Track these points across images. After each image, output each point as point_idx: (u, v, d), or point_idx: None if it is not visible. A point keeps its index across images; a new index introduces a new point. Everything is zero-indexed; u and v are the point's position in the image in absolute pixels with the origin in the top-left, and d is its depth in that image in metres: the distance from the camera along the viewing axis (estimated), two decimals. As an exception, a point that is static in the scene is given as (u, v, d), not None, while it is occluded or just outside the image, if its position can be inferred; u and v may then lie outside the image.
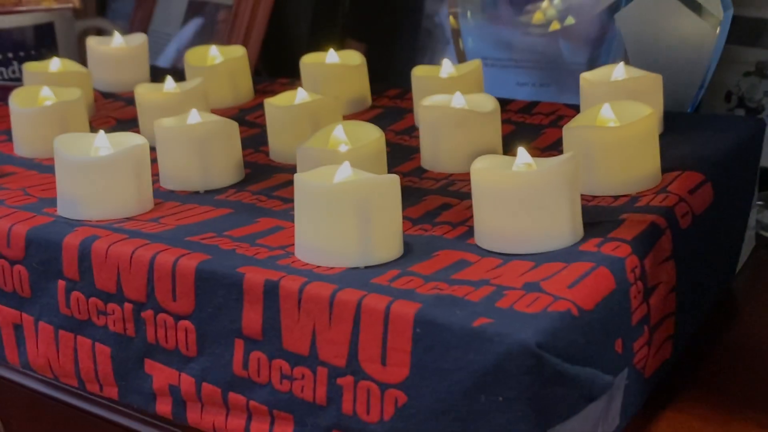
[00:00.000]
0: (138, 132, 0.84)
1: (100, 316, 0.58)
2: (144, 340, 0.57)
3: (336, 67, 0.88)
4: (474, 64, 0.82)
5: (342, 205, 0.52)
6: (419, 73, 0.83)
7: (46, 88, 0.81)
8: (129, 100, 0.96)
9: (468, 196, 0.65)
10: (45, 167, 0.76)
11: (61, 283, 0.60)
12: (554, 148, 0.74)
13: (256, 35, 1.14)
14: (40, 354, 0.62)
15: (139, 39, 1.00)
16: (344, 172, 0.55)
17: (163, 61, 1.27)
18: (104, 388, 0.60)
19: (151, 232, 0.59)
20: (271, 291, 0.51)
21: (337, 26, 1.24)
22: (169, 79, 0.83)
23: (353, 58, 0.89)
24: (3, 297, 0.63)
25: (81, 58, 1.08)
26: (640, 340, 0.53)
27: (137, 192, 0.64)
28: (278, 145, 0.76)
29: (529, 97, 0.93)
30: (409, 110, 0.88)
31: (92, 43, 1.00)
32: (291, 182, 0.70)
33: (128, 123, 0.88)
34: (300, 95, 0.77)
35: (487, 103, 0.72)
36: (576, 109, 0.84)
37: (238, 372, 0.53)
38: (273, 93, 0.96)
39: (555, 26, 0.99)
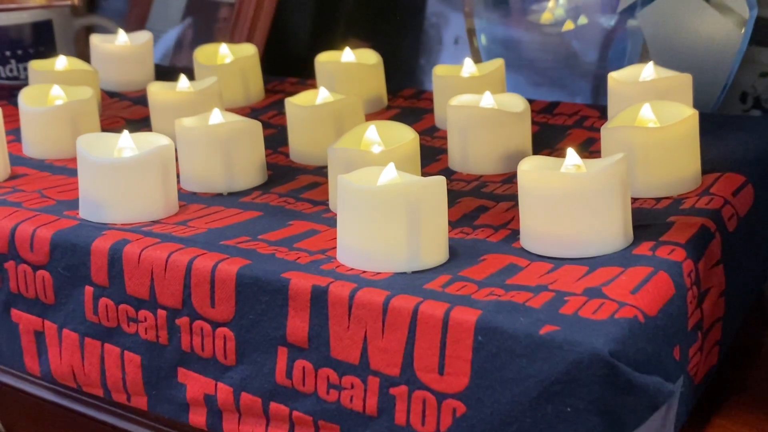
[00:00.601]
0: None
1: (131, 324, 0.56)
2: (178, 349, 0.55)
3: (352, 66, 0.86)
4: (496, 64, 0.81)
5: (391, 208, 0.51)
6: (440, 72, 0.81)
7: (57, 86, 0.79)
8: (135, 100, 0.93)
9: (503, 198, 0.63)
10: (58, 168, 0.73)
11: (89, 289, 0.57)
12: (584, 149, 0.73)
13: (260, 33, 1.12)
14: (63, 363, 0.60)
15: (144, 37, 0.98)
16: (389, 173, 0.54)
17: (161, 60, 1.24)
18: (132, 398, 0.58)
19: (184, 236, 0.57)
20: (319, 297, 0.49)
21: (339, 25, 1.22)
22: (182, 78, 0.81)
23: (369, 57, 0.87)
24: (24, 304, 0.61)
25: (79, 56, 1.05)
26: (694, 346, 0.52)
27: (164, 194, 0.62)
28: (300, 145, 0.74)
29: (541, 97, 0.91)
30: (428, 110, 0.86)
31: (96, 41, 0.97)
32: (317, 184, 0.68)
33: (137, 123, 0.86)
34: (322, 94, 0.75)
35: (517, 103, 0.71)
36: (598, 109, 0.83)
37: (280, 381, 0.51)
38: (284, 92, 0.94)
39: (569, 26, 0.98)
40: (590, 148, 0.73)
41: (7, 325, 0.62)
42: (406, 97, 0.90)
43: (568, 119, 0.80)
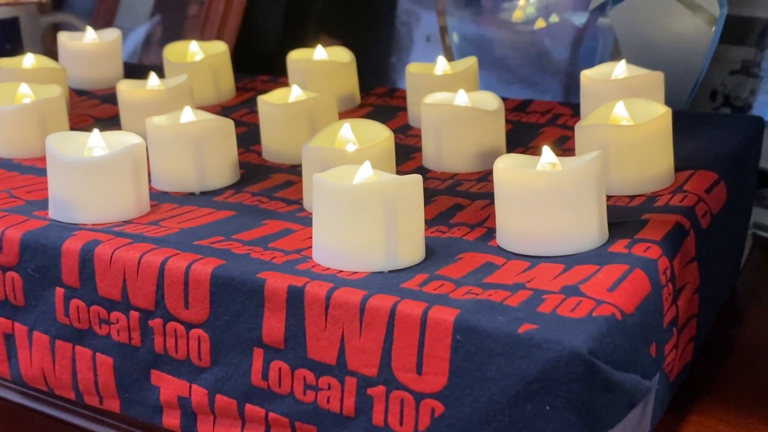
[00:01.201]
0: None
1: (103, 325, 0.55)
2: (151, 350, 0.54)
3: (325, 64, 0.85)
4: (469, 62, 0.81)
5: (367, 207, 0.50)
6: (414, 70, 0.81)
7: (24, 85, 0.78)
8: (103, 98, 0.92)
9: (479, 196, 0.63)
10: (26, 168, 0.72)
11: (60, 291, 0.56)
12: (557, 146, 0.73)
13: (231, 30, 1.11)
14: (34, 365, 0.59)
15: (113, 34, 0.97)
16: (365, 172, 0.53)
17: (129, 58, 1.23)
18: (105, 401, 0.57)
19: (156, 236, 0.56)
20: (295, 297, 0.49)
21: (310, 23, 1.22)
22: (152, 76, 0.80)
23: (342, 55, 0.86)
24: (-8, 306, 0.60)
25: (46, 54, 1.04)
26: (670, 343, 0.52)
27: (135, 194, 0.61)
28: (273, 144, 0.73)
29: (512, 95, 0.91)
30: (401, 108, 0.86)
31: (64, 38, 0.96)
32: (291, 183, 0.68)
33: (107, 122, 0.85)
34: (295, 92, 0.75)
35: (492, 101, 0.70)
36: (571, 107, 0.83)
37: (256, 382, 0.51)
38: (255, 90, 0.94)
39: (540, 24, 0.98)
40: (563, 146, 0.73)
41: (-25, 328, 0.61)
42: (379, 95, 0.90)
43: (540, 117, 0.80)
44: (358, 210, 0.50)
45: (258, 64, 1.11)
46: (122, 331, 0.55)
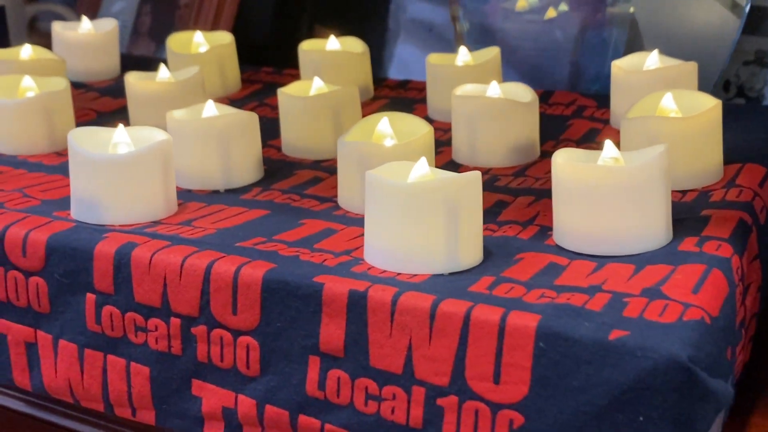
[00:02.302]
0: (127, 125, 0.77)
1: (139, 333, 0.52)
2: (193, 359, 0.51)
3: (338, 54, 0.82)
4: (491, 52, 0.78)
5: (428, 206, 0.47)
6: (434, 61, 0.78)
7: (28, 77, 0.74)
8: (102, 90, 0.88)
9: (520, 192, 0.61)
10: (34, 165, 0.69)
11: (90, 297, 0.53)
12: (589, 139, 0.71)
13: (226, 20, 1.07)
14: (59, 375, 0.55)
15: (109, 24, 0.93)
16: (421, 169, 0.50)
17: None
18: (138, 413, 0.54)
19: (194, 238, 0.53)
20: (356, 303, 0.46)
21: (304, 11, 1.18)
22: (162, 68, 0.76)
23: (355, 46, 0.84)
24: (13, 313, 0.56)
25: (38, 45, 1.00)
26: (740, 344, 0.50)
27: (164, 193, 0.58)
28: (294, 138, 0.70)
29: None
30: (417, 100, 0.83)
31: (58, 28, 0.92)
32: (318, 179, 0.65)
33: (110, 115, 0.81)
34: (316, 84, 0.72)
35: (524, 93, 0.68)
36: (594, 98, 0.81)
37: (311, 392, 0.48)
38: (261, 82, 0.90)
39: (551, 14, 0.96)
40: (596, 139, 0.71)
41: (-7, 336, 0.57)
42: (392, 87, 0.87)
43: (565, 109, 0.78)
44: (419, 209, 0.48)
45: (249, 55, 1.07)
46: (161, 339, 0.51)
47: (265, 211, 0.59)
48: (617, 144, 0.60)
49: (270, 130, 0.74)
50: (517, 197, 0.60)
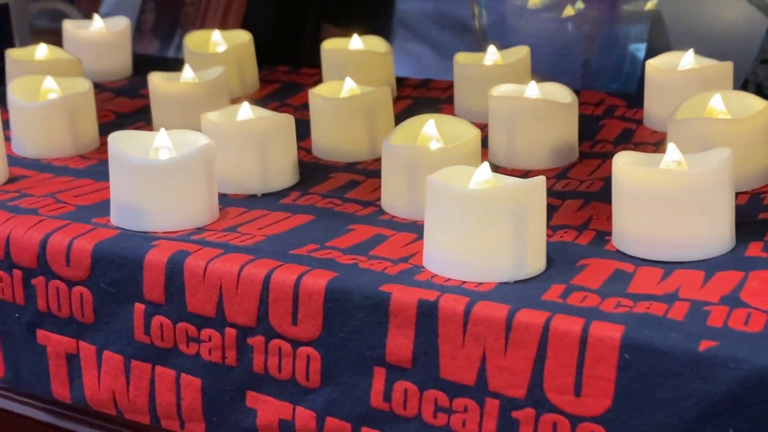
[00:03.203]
0: (150, 127, 0.76)
1: (191, 344, 0.51)
2: (248, 370, 0.50)
3: (362, 54, 0.81)
4: (522, 52, 0.77)
5: (496, 212, 0.46)
6: (462, 60, 0.77)
7: (50, 78, 0.72)
8: (116, 91, 0.87)
9: (568, 195, 0.60)
10: (59, 168, 0.67)
11: (139, 307, 0.51)
12: (625, 140, 0.70)
13: (235, 18, 1.06)
14: (102, 388, 0.54)
15: (122, 23, 0.91)
16: (483, 174, 0.49)
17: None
18: (187, 425, 0.52)
19: (245, 245, 0.52)
20: (427, 313, 0.45)
21: (309, 10, 1.17)
22: (187, 68, 0.75)
23: (378, 45, 0.82)
24: (54, 324, 0.54)
25: (35, 43, 0.97)
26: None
27: (208, 198, 0.56)
28: (326, 140, 0.69)
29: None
30: (442, 100, 0.82)
31: (69, 27, 0.90)
32: (356, 182, 0.64)
33: (130, 116, 0.80)
34: (347, 85, 0.70)
35: (563, 94, 0.67)
36: (621, 98, 0.80)
37: (376, 404, 0.47)
38: (278, 81, 0.89)
39: (569, 11, 0.95)
40: (632, 140, 0.70)
41: (31, 347, 0.56)
42: (414, 87, 0.86)
43: (595, 109, 0.77)
44: (487, 216, 0.46)
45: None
46: (215, 349, 0.50)
47: (309, 216, 0.57)
48: (662, 145, 0.60)
49: (298, 131, 0.72)
50: (564, 200, 0.59)
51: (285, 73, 0.91)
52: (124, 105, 0.83)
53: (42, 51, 0.81)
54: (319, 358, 0.48)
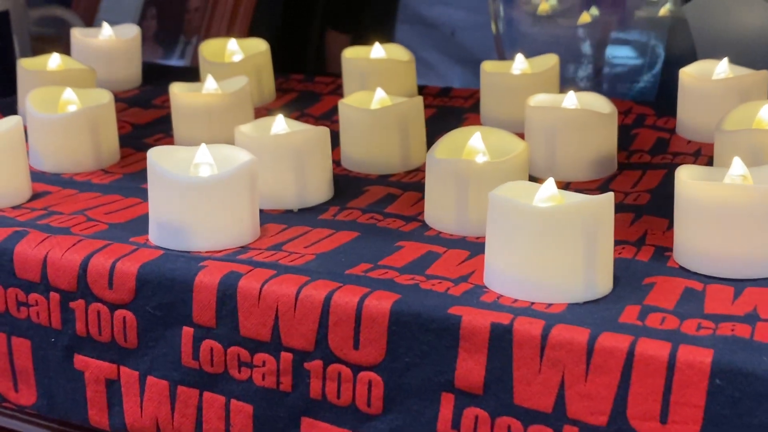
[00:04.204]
0: (171, 139, 0.73)
1: (243, 369, 0.49)
2: (304, 396, 0.48)
3: (384, 62, 0.79)
4: (551, 61, 0.75)
5: (568, 231, 0.45)
6: (489, 68, 0.75)
7: (69, 90, 0.69)
8: (128, 101, 0.84)
9: (617, 209, 0.58)
10: (83, 184, 0.64)
11: (188, 331, 0.49)
12: (661, 150, 0.69)
13: (241, 26, 1.04)
14: (145, 414, 0.52)
15: (131, 31, 0.88)
16: (548, 190, 0.48)
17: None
18: (236, 452, 0.50)
19: (297, 265, 0.50)
20: (500, 337, 0.43)
21: (314, 16, 1.15)
22: (210, 79, 0.72)
23: (400, 54, 0.80)
24: (93, 348, 0.52)
25: (34, 51, 0.95)
26: None
27: (251, 216, 0.54)
28: (357, 152, 0.67)
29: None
30: (465, 109, 0.80)
31: (78, 35, 0.87)
32: (393, 196, 0.62)
33: (146, 128, 0.77)
34: (378, 95, 0.68)
35: (601, 104, 0.65)
36: (649, 106, 0.79)
37: (443, 431, 0.45)
38: (294, 91, 0.87)
39: (585, 18, 0.94)
40: (669, 150, 0.69)
41: (68, 373, 0.53)
42: (434, 95, 0.84)
43: (625, 118, 0.76)
44: (558, 234, 0.45)
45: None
46: (269, 375, 0.48)
47: (353, 233, 0.55)
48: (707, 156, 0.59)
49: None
50: (615, 214, 0.57)
51: (300, 81, 0.89)
52: (139, 116, 0.80)
53: (55, 61, 0.78)
54: (382, 383, 0.46)
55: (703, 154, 0.68)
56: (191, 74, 0.89)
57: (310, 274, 0.48)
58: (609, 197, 0.46)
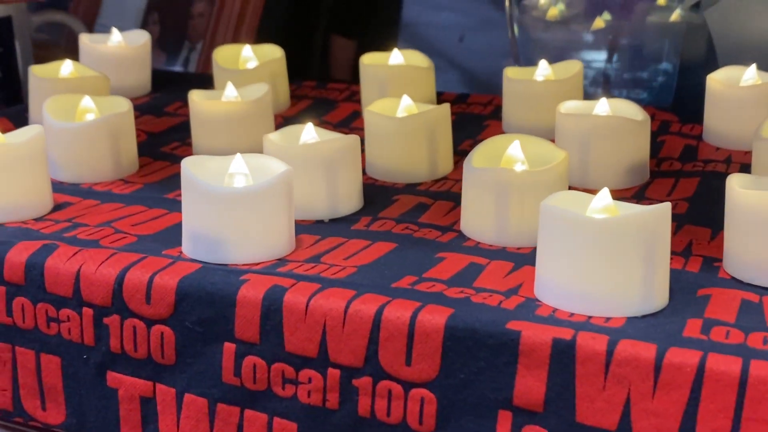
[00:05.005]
0: (188, 147, 0.72)
1: (287, 386, 0.47)
2: (352, 414, 0.46)
3: (403, 69, 0.78)
4: (575, 67, 0.74)
5: (628, 243, 0.44)
6: (512, 75, 0.74)
7: (88, 98, 0.68)
8: (141, 109, 0.82)
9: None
10: (104, 194, 0.63)
11: (229, 347, 0.48)
12: (690, 158, 0.68)
13: (248, 31, 1.02)
14: (181, 433, 0.50)
15: (142, 37, 0.87)
16: (602, 200, 0.47)
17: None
18: (278, 472, 0.49)
19: (340, 278, 0.48)
20: (563, 352, 0.42)
21: (319, 22, 1.14)
22: (230, 86, 0.71)
23: (419, 60, 0.79)
24: (127, 365, 0.51)
25: (36, 58, 0.93)
26: None
27: (288, 228, 0.53)
28: (384, 160, 0.65)
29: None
30: (485, 116, 0.79)
31: (87, 41, 0.86)
32: (424, 205, 0.61)
33: (162, 136, 0.76)
34: (404, 103, 0.67)
35: (633, 111, 0.65)
36: (669, 112, 0.78)
37: (500, 450, 0.44)
38: (308, 98, 0.86)
39: (599, 24, 0.93)
40: (700, 157, 0.68)
41: (99, 390, 0.52)
42: (452, 102, 0.82)
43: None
44: (618, 246, 0.44)
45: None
46: (315, 392, 0.47)
47: (390, 243, 0.54)
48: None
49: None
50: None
51: (312, 88, 0.88)
52: (152, 124, 0.79)
53: (67, 68, 0.76)
54: (435, 400, 0.45)
55: (734, 161, 0.67)
56: (202, 81, 0.88)
57: (356, 287, 0.47)
58: (666, 207, 0.45)
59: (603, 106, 0.64)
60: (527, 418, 0.43)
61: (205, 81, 0.87)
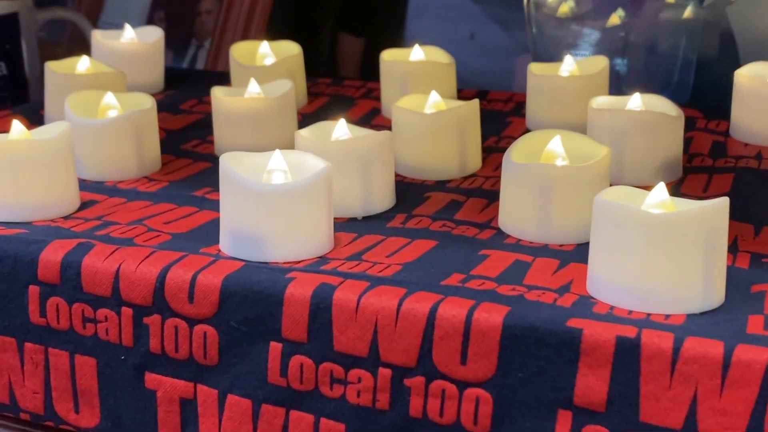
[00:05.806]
0: (209, 145, 0.71)
1: (335, 386, 0.46)
2: (403, 414, 0.45)
3: (424, 65, 0.77)
4: (601, 63, 0.74)
5: (692, 238, 0.43)
6: (537, 70, 0.73)
7: (110, 94, 0.66)
8: (158, 106, 0.81)
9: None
10: (130, 192, 0.62)
11: (275, 346, 0.47)
12: (720, 154, 0.67)
13: (257, 29, 1.01)
14: (223, 435, 0.49)
15: (155, 34, 0.85)
16: (658, 195, 0.46)
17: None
18: (325, 474, 0.48)
19: (388, 276, 0.47)
20: (627, 351, 0.41)
21: (327, 19, 1.13)
22: (252, 83, 0.70)
23: (440, 56, 0.78)
24: (168, 366, 0.49)
25: (41, 55, 0.91)
26: None
27: (328, 226, 0.52)
28: (413, 158, 0.64)
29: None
30: (507, 113, 0.78)
31: (99, 37, 0.84)
32: (458, 203, 0.60)
33: (180, 134, 0.75)
34: (432, 99, 0.66)
35: (666, 106, 0.64)
36: (694, 108, 0.78)
37: (559, 450, 0.43)
38: (325, 95, 0.85)
39: (614, 21, 0.92)
40: (730, 154, 0.67)
41: (138, 392, 0.50)
42: (469, 99, 0.82)
43: (675, 122, 0.74)
44: (680, 242, 0.43)
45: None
46: (364, 392, 0.46)
47: (431, 241, 0.53)
48: None
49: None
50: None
51: (328, 85, 0.87)
52: (169, 121, 0.77)
53: (84, 64, 0.75)
54: (491, 400, 0.44)
55: (765, 157, 0.66)
56: (215, 78, 0.86)
57: (406, 285, 0.46)
58: (725, 202, 0.44)
59: (636, 101, 0.64)
60: (588, 418, 0.42)
61: (218, 78, 0.85)
